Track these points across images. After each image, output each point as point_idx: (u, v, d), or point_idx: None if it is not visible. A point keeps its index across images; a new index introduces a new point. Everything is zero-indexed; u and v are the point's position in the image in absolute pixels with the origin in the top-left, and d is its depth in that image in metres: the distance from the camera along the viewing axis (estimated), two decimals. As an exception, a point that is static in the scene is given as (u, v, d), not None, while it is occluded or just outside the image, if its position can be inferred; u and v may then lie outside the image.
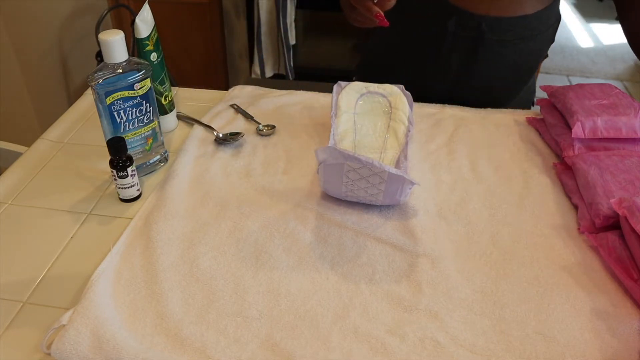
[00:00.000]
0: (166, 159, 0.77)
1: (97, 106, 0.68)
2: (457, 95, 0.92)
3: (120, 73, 0.67)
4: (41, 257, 0.61)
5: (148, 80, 0.70)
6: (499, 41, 0.88)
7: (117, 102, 0.68)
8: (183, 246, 0.62)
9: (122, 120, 0.69)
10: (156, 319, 0.53)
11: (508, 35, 0.87)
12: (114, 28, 2.32)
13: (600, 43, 3.45)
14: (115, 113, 0.68)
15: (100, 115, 0.69)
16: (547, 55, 0.96)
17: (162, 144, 0.77)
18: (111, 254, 0.60)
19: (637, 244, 0.56)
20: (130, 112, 0.69)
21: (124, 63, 0.68)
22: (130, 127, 0.71)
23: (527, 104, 1.02)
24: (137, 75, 0.68)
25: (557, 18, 0.92)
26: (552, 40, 0.94)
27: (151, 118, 0.72)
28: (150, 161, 0.75)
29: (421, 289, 0.57)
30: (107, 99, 0.67)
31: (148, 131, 0.73)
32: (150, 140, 0.74)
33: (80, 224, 0.66)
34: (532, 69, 0.97)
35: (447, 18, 0.87)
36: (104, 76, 0.66)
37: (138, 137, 0.72)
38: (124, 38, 0.67)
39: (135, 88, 0.68)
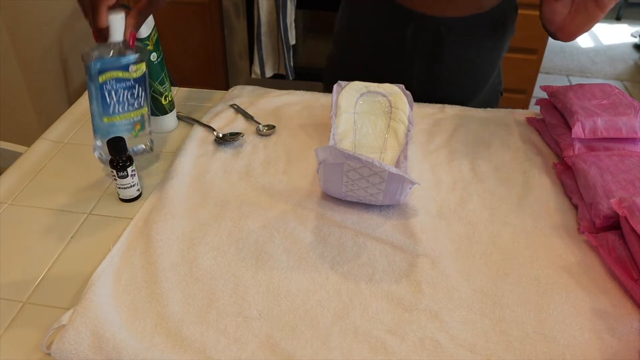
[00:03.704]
0: (151, 149, 0.76)
1: (87, 86, 0.66)
2: (424, 94, 0.92)
3: (116, 53, 0.66)
4: (41, 257, 0.61)
5: (144, 64, 0.69)
6: (460, 41, 0.88)
7: (109, 82, 0.66)
8: (183, 246, 0.62)
9: (113, 102, 0.67)
10: (156, 319, 0.53)
11: (467, 34, 0.88)
12: (114, 28, 2.32)
13: (600, 43, 3.45)
14: (106, 93, 0.67)
15: (90, 96, 0.67)
16: (507, 49, 0.96)
17: (150, 134, 0.75)
18: (111, 254, 0.60)
19: (637, 244, 0.56)
20: (121, 94, 0.68)
21: (121, 43, 0.66)
22: (120, 109, 0.69)
23: (495, 95, 1.02)
24: (134, 57, 0.67)
25: (515, 9, 0.92)
26: (513, 33, 0.94)
27: (142, 104, 0.71)
28: (135, 148, 0.73)
29: (421, 289, 0.57)
30: (100, 77, 0.65)
31: (137, 117, 0.71)
32: (138, 127, 0.72)
33: (80, 224, 0.66)
34: (496, 63, 0.96)
35: (406, 22, 0.88)
36: (99, 53, 0.65)
37: (126, 122, 0.70)
38: (124, 18, 0.65)
39: (130, 70, 0.67)
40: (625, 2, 3.76)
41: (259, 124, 0.85)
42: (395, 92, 0.82)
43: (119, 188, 0.68)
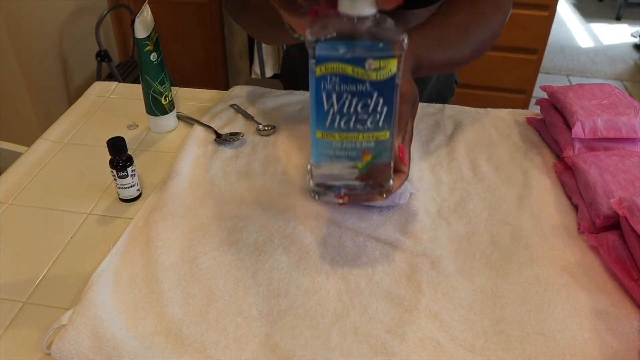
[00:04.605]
0: (388, 190, 0.52)
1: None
2: None
3: (355, 35, 0.43)
4: (41, 257, 0.61)
5: (394, 62, 0.44)
6: None
7: (331, 78, 0.44)
8: (183, 246, 0.62)
9: (332, 110, 0.45)
10: (156, 319, 0.53)
11: None
12: (113, 28, 2.32)
13: (600, 43, 3.45)
14: (324, 94, 0.45)
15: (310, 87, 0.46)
16: None
17: (390, 172, 0.51)
18: (111, 254, 0.60)
19: (637, 244, 0.56)
20: (347, 101, 0.45)
21: (370, 20, 0.43)
22: (342, 124, 0.46)
23: (448, 86, 1.01)
24: (378, 46, 0.43)
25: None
26: None
27: (380, 123, 0.46)
28: (355, 186, 0.50)
29: (421, 289, 0.57)
30: (318, 68, 0.44)
31: (369, 142, 0.47)
32: (368, 157, 0.48)
33: (80, 224, 0.66)
34: None
35: None
36: (330, 29, 0.43)
37: (348, 144, 0.47)
38: None
39: (366, 67, 0.43)
40: (625, 2, 3.76)
41: (259, 124, 0.85)
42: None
43: (119, 188, 0.68)
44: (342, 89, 0.45)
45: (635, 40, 3.44)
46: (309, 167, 0.52)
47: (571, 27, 3.67)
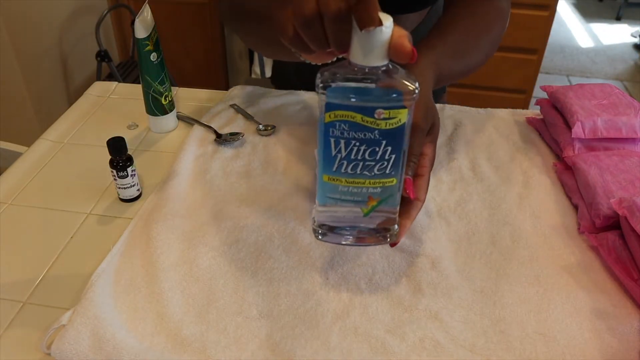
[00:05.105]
0: (392, 235, 0.53)
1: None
2: None
3: (366, 84, 0.44)
4: (41, 257, 0.61)
5: (404, 112, 0.44)
6: None
7: (339, 125, 0.45)
8: (183, 246, 0.62)
9: (339, 155, 0.47)
10: (156, 319, 0.53)
11: None
12: (114, 28, 2.32)
13: (600, 43, 3.45)
14: (332, 139, 0.46)
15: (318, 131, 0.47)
16: None
17: (395, 219, 0.52)
18: (111, 254, 0.60)
19: (637, 244, 0.56)
20: (355, 149, 0.46)
21: (382, 69, 0.44)
22: (349, 170, 0.47)
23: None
24: (389, 96, 0.44)
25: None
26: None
27: (388, 171, 0.47)
28: (359, 229, 0.51)
29: (421, 289, 0.57)
30: (327, 115, 0.45)
31: (375, 187, 0.48)
32: (374, 202, 0.49)
33: (80, 224, 0.66)
34: None
35: None
36: (341, 77, 0.44)
37: (354, 189, 0.48)
38: (391, 26, 0.42)
39: (375, 116, 0.44)
40: (625, 2, 3.77)
41: (259, 124, 0.85)
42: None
43: (119, 188, 0.68)
44: (351, 136, 0.45)
45: (635, 40, 3.44)
46: (314, 206, 0.52)
47: (571, 27, 3.67)
